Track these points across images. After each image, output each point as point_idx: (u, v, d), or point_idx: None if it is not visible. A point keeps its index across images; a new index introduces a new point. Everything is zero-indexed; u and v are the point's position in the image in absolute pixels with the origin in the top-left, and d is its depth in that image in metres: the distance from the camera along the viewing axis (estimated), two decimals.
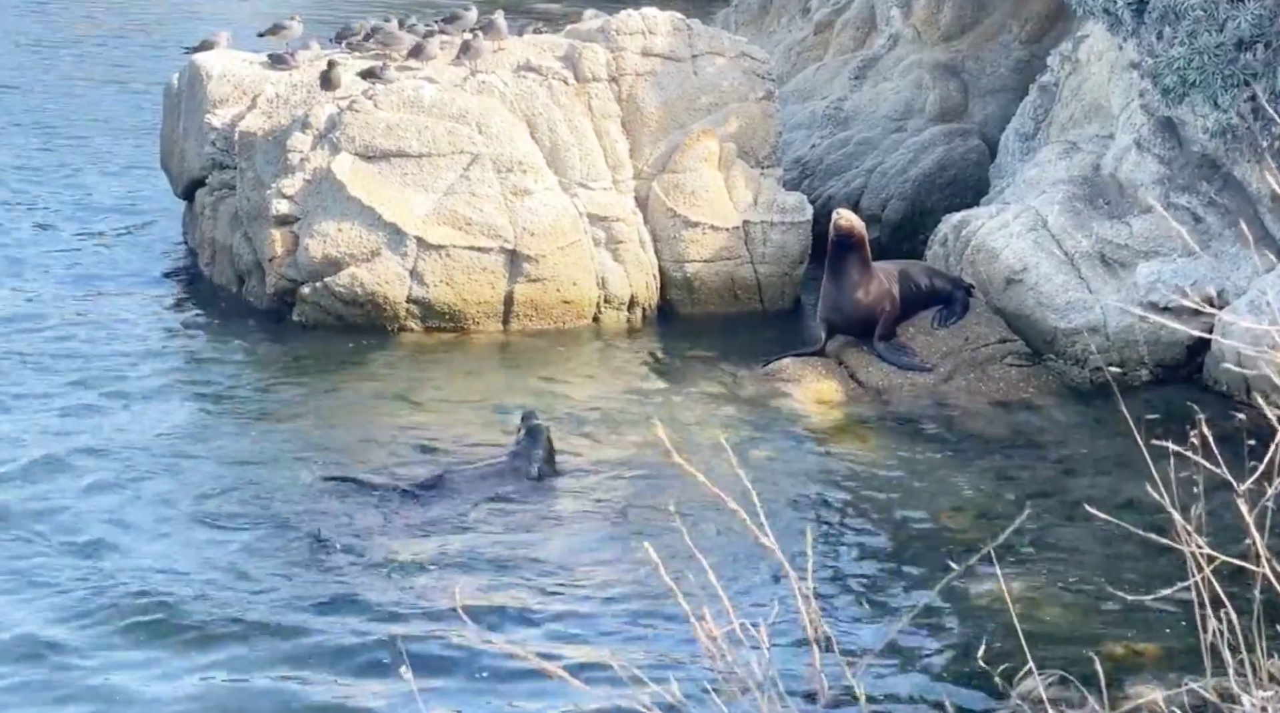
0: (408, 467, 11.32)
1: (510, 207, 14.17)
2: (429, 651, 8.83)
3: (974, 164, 16.30)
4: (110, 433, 11.85)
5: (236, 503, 10.75)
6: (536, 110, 14.63)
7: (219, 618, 9.25)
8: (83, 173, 18.28)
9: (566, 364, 13.63)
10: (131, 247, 16.08)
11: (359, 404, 12.60)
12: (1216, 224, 13.25)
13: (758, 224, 14.78)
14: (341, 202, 13.98)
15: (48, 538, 10.20)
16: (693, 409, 12.62)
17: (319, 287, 13.98)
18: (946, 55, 17.15)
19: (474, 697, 8.53)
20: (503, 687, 8.58)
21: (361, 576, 9.77)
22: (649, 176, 14.82)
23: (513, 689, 8.55)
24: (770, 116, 15.21)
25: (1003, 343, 13.45)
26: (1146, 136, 13.85)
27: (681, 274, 14.72)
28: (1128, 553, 9.82)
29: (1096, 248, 13.53)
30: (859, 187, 16.48)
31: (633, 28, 15.11)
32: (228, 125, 14.89)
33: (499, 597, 9.52)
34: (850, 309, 13.38)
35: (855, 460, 11.84)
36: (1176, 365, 13.17)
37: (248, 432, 12.02)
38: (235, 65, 15.37)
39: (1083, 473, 11.69)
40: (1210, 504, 5.44)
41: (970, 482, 11.48)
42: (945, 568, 9.59)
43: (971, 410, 12.76)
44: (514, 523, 10.60)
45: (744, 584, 9.26)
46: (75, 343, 13.57)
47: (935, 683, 8.70)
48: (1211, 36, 12.76)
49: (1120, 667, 8.69)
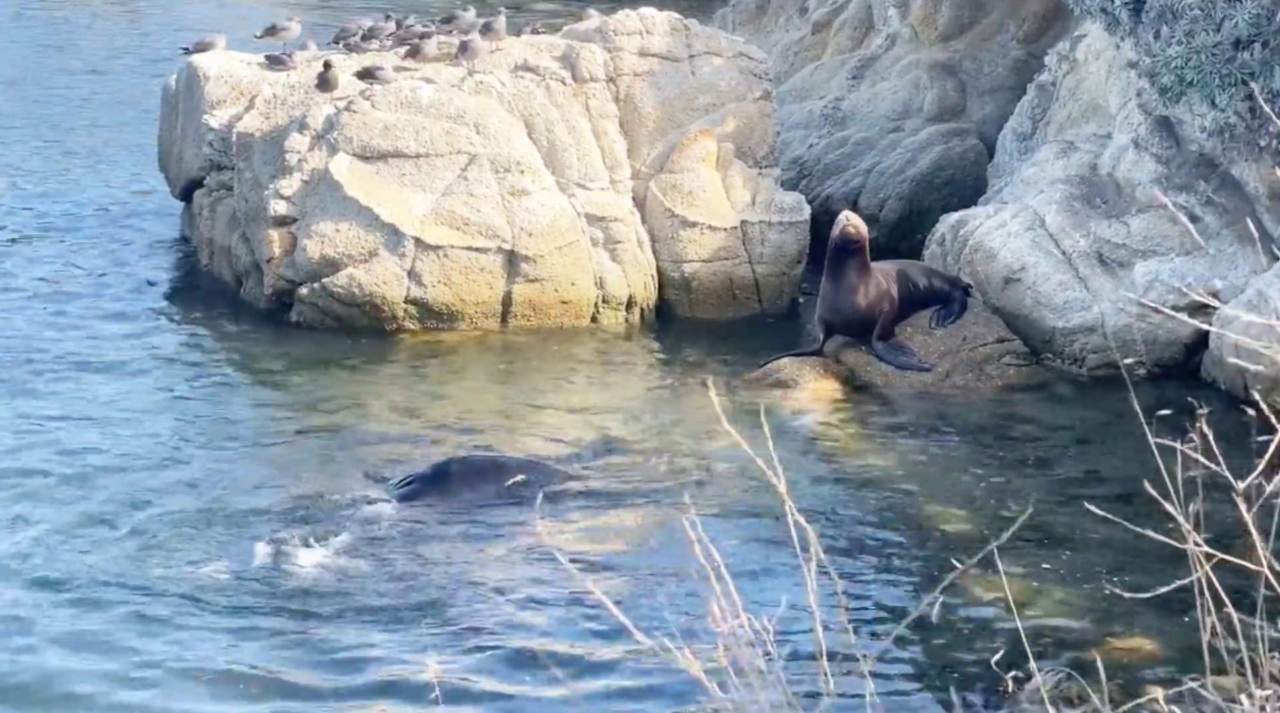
0: (405, 467, 11.31)
1: (508, 207, 14.17)
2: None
3: (972, 164, 16.31)
4: (107, 433, 11.83)
5: (233, 503, 10.74)
6: (534, 110, 14.63)
7: (214, 616, 9.27)
8: (80, 174, 18.26)
9: (564, 364, 13.63)
10: (129, 247, 16.05)
11: (357, 405, 12.59)
12: (1214, 223, 13.26)
13: (755, 224, 14.78)
14: (339, 202, 13.98)
15: (40, 536, 10.18)
16: (690, 410, 12.61)
17: (317, 287, 13.98)
18: (944, 55, 17.16)
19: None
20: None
21: (346, 582, 9.77)
22: (647, 177, 14.82)
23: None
24: (768, 116, 15.22)
25: (1001, 342, 13.45)
26: (1144, 136, 13.86)
27: (679, 274, 14.72)
28: (1129, 551, 9.82)
29: (1094, 247, 13.54)
30: (857, 186, 16.49)
31: (630, 28, 15.11)
32: (225, 126, 14.89)
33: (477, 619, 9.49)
34: (849, 310, 13.37)
35: (853, 460, 11.84)
36: (1174, 364, 13.18)
37: (246, 433, 12.01)
38: (233, 66, 15.37)
39: (1082, 471, 11.69)
40: (1211, 502, 5.44)
41: (969, 481, 11.49)
42: (946, 567, 9.60)
43: (970, 410, 12.77)
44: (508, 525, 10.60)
45: (746, 583, 9.24)
46: (72, 344, 13.55)
47: (939, 682, 8.70)
48: (1209, 36, 12.78)
49: (1123, 665, 8.70)
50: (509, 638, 9.07)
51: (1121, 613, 9.21)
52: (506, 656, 8.89)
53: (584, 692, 8.54)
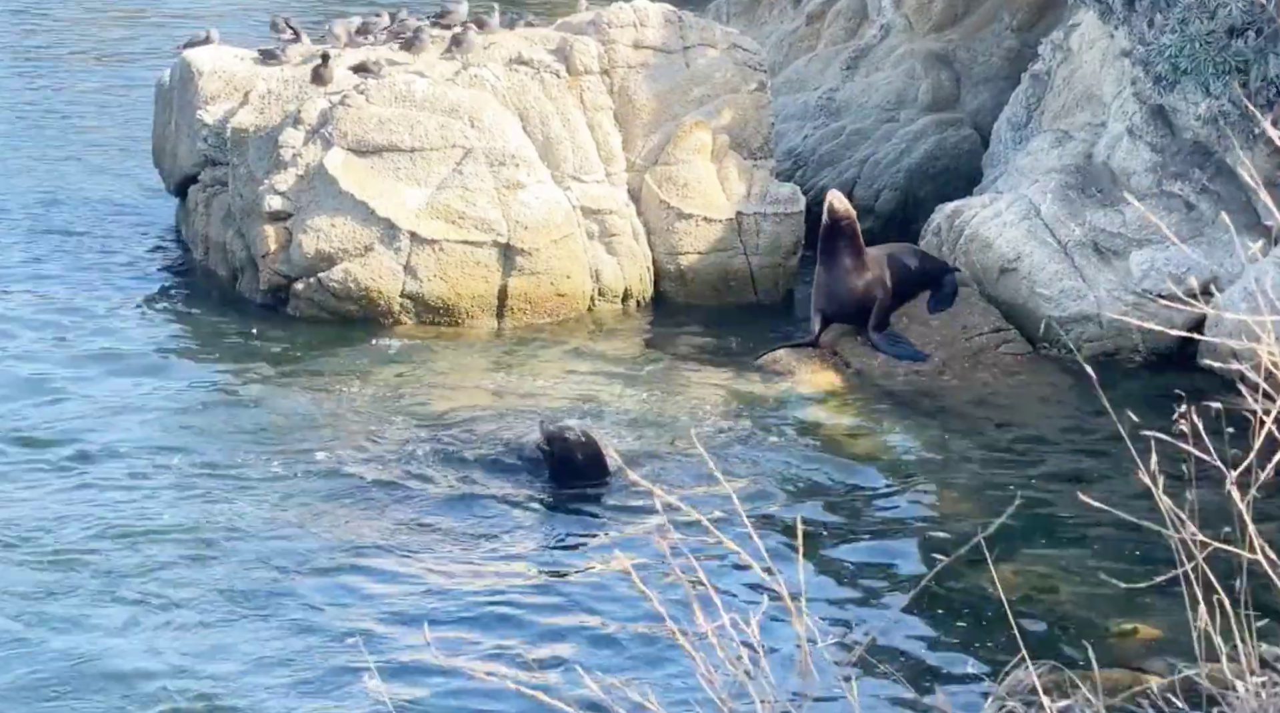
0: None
1: (503, 200, 14.17)
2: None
3: (966, 154, 16.30)
4: (104, 429, 11.85)
5: (230, 499, 10.76)
6: (529, 104, 14.63)
7: (209, 610, 9.29)
8: (74, 170, 18.25)
9: (560, 357, 13.63)
10: (124, 244, 16.05)
11: (354, 399, 12.58)
12: (1209, 211, 13.27)
13: (751, 215, 14.78)
14: (334, 197, 13.98)
15: (37, 539, 10.19)
16: (687, 402, 12.61)
17: (313, 282, 13.98)
18: (938, 45, 17.15)
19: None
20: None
21: (337, 576, 9.80)
22: (642, 169, 14.82)
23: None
24: (762, 108, 15.21)
25: (997, 332, 13.46)
26: (1138, 124, 13.86)
27: (675, 266, 14.72)
28: (1122, 541, 9.83)
29: (1089, 236, 13.55)
30: (851, 177, 16.48)
31: (624, 20, 15.11)
32: (220, 121, 14.88)
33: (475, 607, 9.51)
34: (845, 296, 13.39)
35: (850, 451, 11.85)
36: (1170, 352, 13.18)
37: (242, 427, 12.02)
38: (227, 61, 15.36)
39: (1077, 461, 11.70)
40: (1202, 490, 5.44)
41: (964, 471, 11.50)
42: (938, 556, 9.60)
43: (966, 400, 12.77)
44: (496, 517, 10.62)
45: (736, 580, 9.22)
46: (68, 340, 13.57)
47: (928, 673, 8.71)
48: (1203, 24, 12.77)
49: (1115, 654, 8.71)
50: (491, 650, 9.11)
51: (1116, 602, 9.21)
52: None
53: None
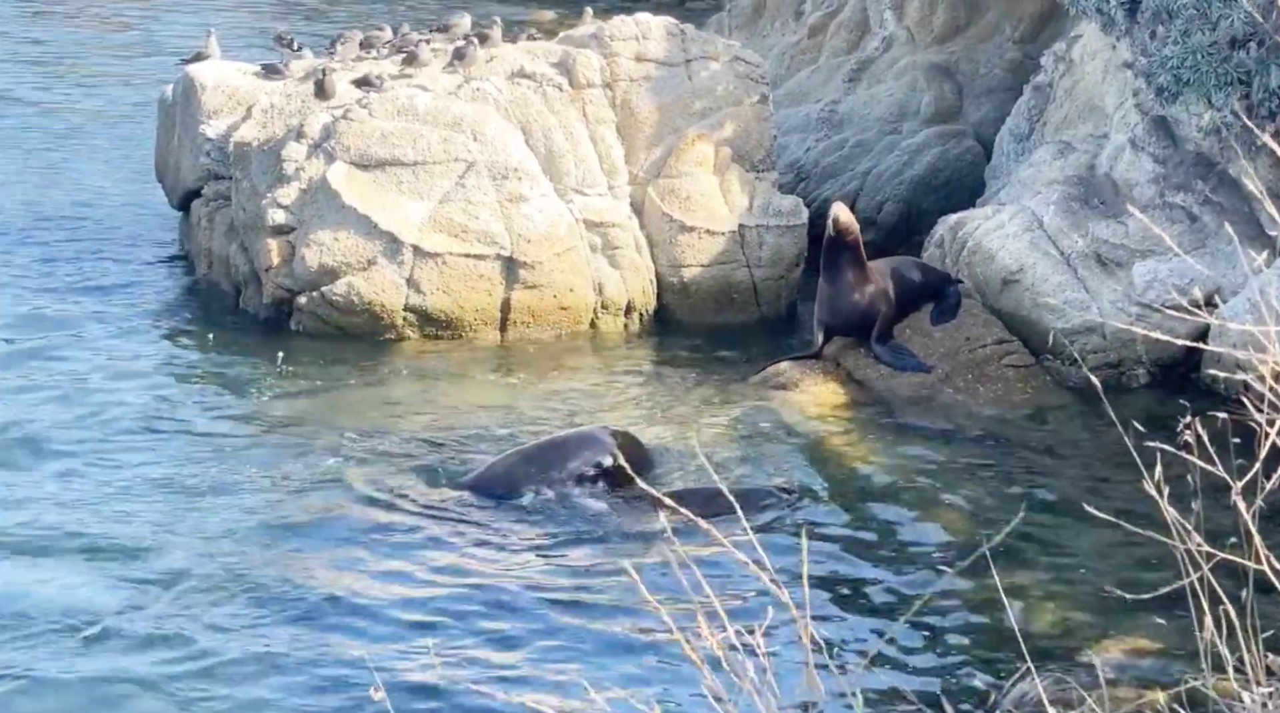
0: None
1: (506, 213, 14.17)
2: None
3: (969, 165, 16.31)
4: (105, 441, 11.85)
5: (233, 511, 10.75)
6: (531, 117, 14.64)
7: (210, 622, 9.30)
8: (76, 185, 18.26)
9: (564, 370, 13.63)
10: (127, 258, 16.06)
11: (357, 413, 12.58)
12: (1212, 222, 13.26)
13: (753, 228, 14.78)
14: (337, 210, 13.98)
15: (35, 548, 10.19)
16: (690, 414, 12.61)
17: (316, 296, 13.98)
18: (940, 57, 17.17)
19: None
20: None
21: (343, 590, 9.80)
22: (644, 182, 14.82)
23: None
24: (764, 120, 15.21)
25: (1000, 344, 13.44)
26: (1141, 136, 13.86)
27: (678, 279, 14.72)
28: (1127, 552, 9.82)
29: (1092, 247, 13.54)
30: (854, 189, 16.49)
31: (626, 33, 15.11)
32: (222, 136, 14.89)
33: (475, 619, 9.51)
34: (848, 308, 13.36)
35: (853, 463, 11.84)
36: (1174, 364, 13.17)
37: (244, 440, 12.02)
38: (229, 76, 15.38)
39: (1081, 473, 11.69)
40: (1210, 501, 5.44)
41: (969, 483, 11.49)
42: (943, 568, 9.60)
43: (969, 411, 12.75)
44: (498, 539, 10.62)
45: (742, 588, 9.22)
46: (71, 354, 13.57)
47: (932, 684, 8.69)
48: (1204, 35, 12.77)
49: (1119, 666, 8.69)
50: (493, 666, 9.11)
51: (1119, 614, 9.20)
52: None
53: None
